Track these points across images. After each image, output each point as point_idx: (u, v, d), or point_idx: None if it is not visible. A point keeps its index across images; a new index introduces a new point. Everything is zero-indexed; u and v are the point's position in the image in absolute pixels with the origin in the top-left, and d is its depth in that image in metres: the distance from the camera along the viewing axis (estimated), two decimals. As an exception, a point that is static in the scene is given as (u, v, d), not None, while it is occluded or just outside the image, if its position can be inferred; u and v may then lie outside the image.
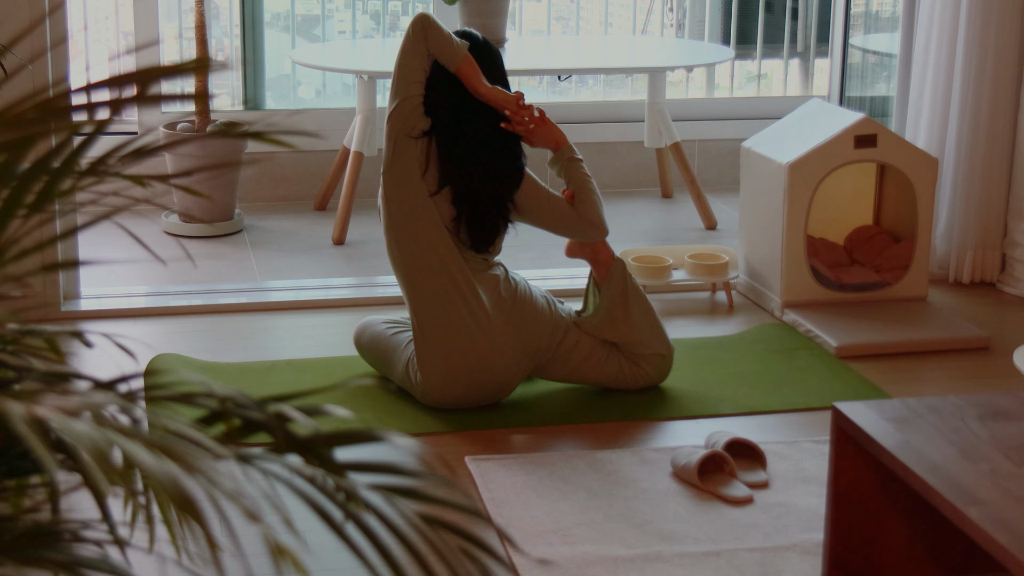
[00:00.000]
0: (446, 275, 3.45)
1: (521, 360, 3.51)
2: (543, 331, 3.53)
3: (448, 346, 3.45)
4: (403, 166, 3.45)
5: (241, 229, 5.19)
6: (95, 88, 1.31)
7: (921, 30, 4.69)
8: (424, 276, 3.46)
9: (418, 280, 3.47)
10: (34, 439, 1.07)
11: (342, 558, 1.34)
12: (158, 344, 3.95)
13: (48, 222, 1.49)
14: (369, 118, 5.12)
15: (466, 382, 3.46)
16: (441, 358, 3.45)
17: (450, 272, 3.45)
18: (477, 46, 3.52)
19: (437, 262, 3.45)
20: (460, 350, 3.44)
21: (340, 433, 1.26)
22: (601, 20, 6.61)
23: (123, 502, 1.34)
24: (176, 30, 5.72)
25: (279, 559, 1.09)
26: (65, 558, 1.30)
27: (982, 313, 4.43)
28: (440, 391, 3.47)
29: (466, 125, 3.45)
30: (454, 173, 3.44)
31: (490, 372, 3.46)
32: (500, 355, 3.46)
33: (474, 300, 3.45)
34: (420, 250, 3.46)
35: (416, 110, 3.44)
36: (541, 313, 3.54)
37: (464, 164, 3.44)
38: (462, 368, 3.45)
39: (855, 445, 2.48)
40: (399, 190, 3.46)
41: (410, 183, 3.44)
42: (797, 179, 4.23)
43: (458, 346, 3.44)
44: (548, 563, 2.79)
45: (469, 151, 3.44)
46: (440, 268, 3.45)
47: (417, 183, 3.44)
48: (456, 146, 3.44)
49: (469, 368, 3.45)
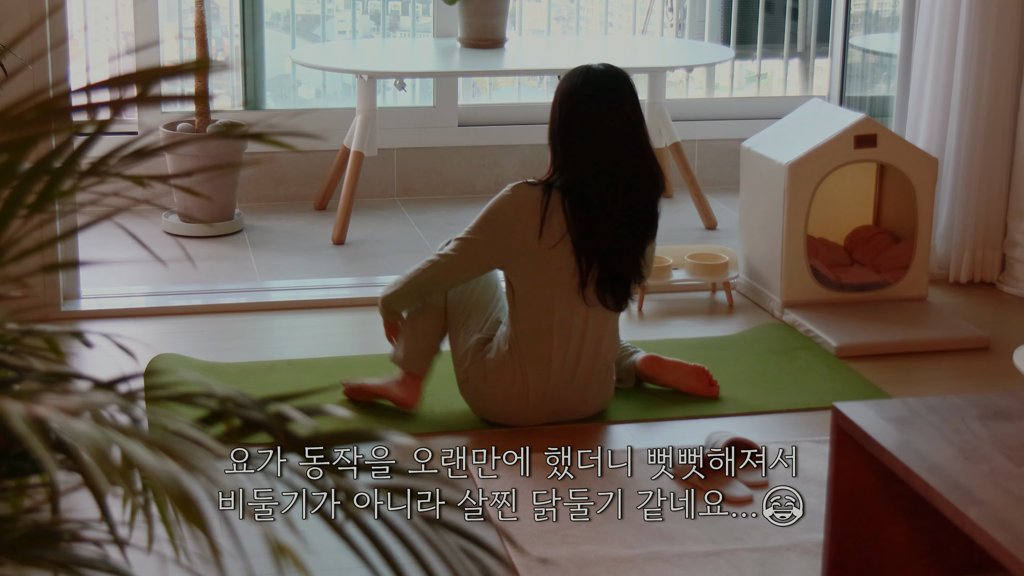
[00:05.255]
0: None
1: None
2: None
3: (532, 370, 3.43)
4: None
5: (241, 229, 5.19)
6: (95, 88, 1.31)
7: (921, 30, 4.69)
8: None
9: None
10: (34, 439, 1.07)
11: (342, 558, 1.35)
12: (158, 344, 3.95)
13: (48, 222, 1.49)
14: (369, 118, 5.12)
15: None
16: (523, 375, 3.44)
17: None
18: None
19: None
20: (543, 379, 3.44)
21: (340, 433, 1.26)
22: (601, 20, 6.60)
23: (123, 502, 1.34)
24: (176, 30, 5.72)
25: (280, 559, 1.09)
26: (65, 558, 1.30)
27: (982, 313, 4.43)
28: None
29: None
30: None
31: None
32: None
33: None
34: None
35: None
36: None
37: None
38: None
39: (855, 445, 2.48)
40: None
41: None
42: (797, 179, 4.23)
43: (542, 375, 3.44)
44: (548, 563, 2.79)
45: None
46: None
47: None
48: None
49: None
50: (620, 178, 3.33)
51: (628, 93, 3.35)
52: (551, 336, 3.39)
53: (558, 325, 3.39)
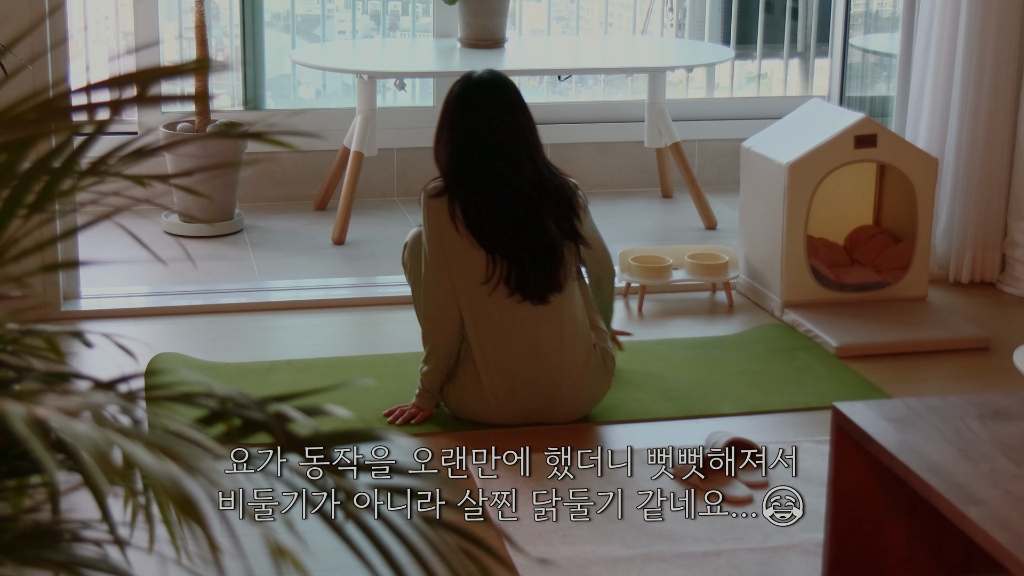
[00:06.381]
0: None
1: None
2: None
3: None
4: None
5: (241, 229, 5.19)
6: (95, 88, 1.31)
7: (921, 30, 4.69)
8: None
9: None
10: (34, 439, 1.07)
11: (342, 558, 1.34)
12: (158, 344, 3.95)
13: (48, 222, 1.49)
14: (369, 118, 5.12)
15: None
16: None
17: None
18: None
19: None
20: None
21: (340, 433, 1.26)
22: (601, 20, 6.60)
23: (123, 502, 1.34)
24: (176, 30, 5.72)
25: (279, 559, 1.09)
26: (65, 558, 1.30)
27: (982, 313, 4.43)
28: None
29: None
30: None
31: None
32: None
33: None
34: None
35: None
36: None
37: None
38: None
39: (855, 445, 2.48)
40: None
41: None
42: (797, 179, 4.23)
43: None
44: (548, 563, 2.79)
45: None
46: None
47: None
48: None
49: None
50: (492, 169, 3.34)
51: (503, 92, 3.40)
52: (500, 337, 3.39)
53: (502, 325, 3.39)
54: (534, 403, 3.44)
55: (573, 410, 3.49)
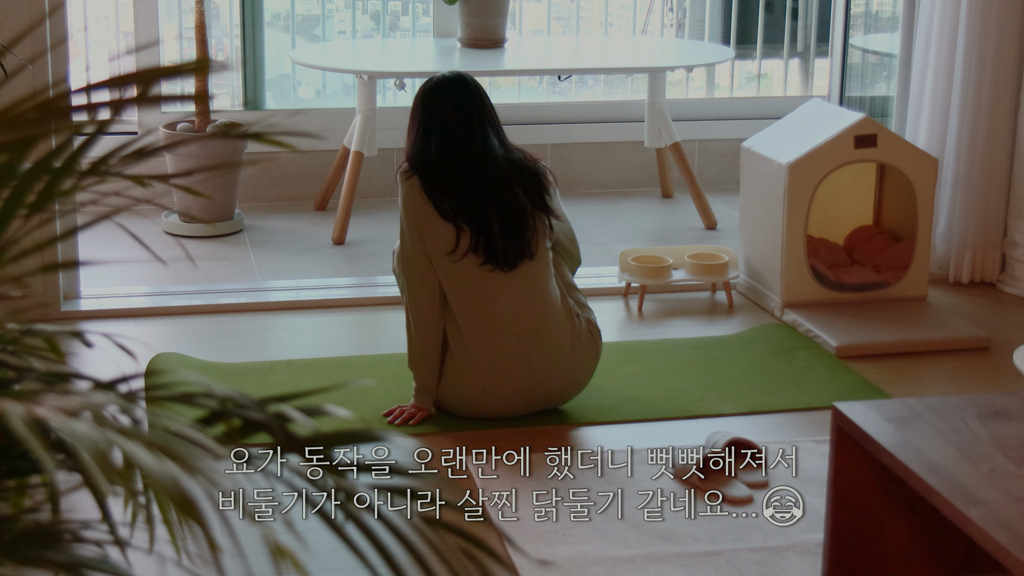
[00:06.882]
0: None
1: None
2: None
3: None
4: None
5: (241, 229, 5.19)
6: (95, 89, 1.31)
7: (921, 30, 4.69)
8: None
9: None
10: (34, 439, 1.07)
11: (342, 558, 1.34)
12: (158, 344, 3.95)
13: (48, 222, 1.49)
14: (369, 118, 5.12)
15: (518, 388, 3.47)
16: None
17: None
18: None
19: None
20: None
21: (340, 433, 1.26)
22: (601, 20, 6.60)
23: (123, 502, 1.34)
24: (176, 30, 5.72)
25: (279, 559, 1.09)
26: (65, 558, 1.30)
27: (982, 313, 4.43)
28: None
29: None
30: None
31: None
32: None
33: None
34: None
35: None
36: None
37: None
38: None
39: (855, 445, 2.48)
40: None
41: None
42: (797, 179, 4.23)
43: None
44: (548, 563, 2.79)
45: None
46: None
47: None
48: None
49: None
50: (458, 141, 3.41)
51: (468, 85, 3.49)
52: (480, 312, 3.42)
53: (481, 298, 3.41)
54: (529, 380, 3.45)
55: (570, 383, 3.51)
